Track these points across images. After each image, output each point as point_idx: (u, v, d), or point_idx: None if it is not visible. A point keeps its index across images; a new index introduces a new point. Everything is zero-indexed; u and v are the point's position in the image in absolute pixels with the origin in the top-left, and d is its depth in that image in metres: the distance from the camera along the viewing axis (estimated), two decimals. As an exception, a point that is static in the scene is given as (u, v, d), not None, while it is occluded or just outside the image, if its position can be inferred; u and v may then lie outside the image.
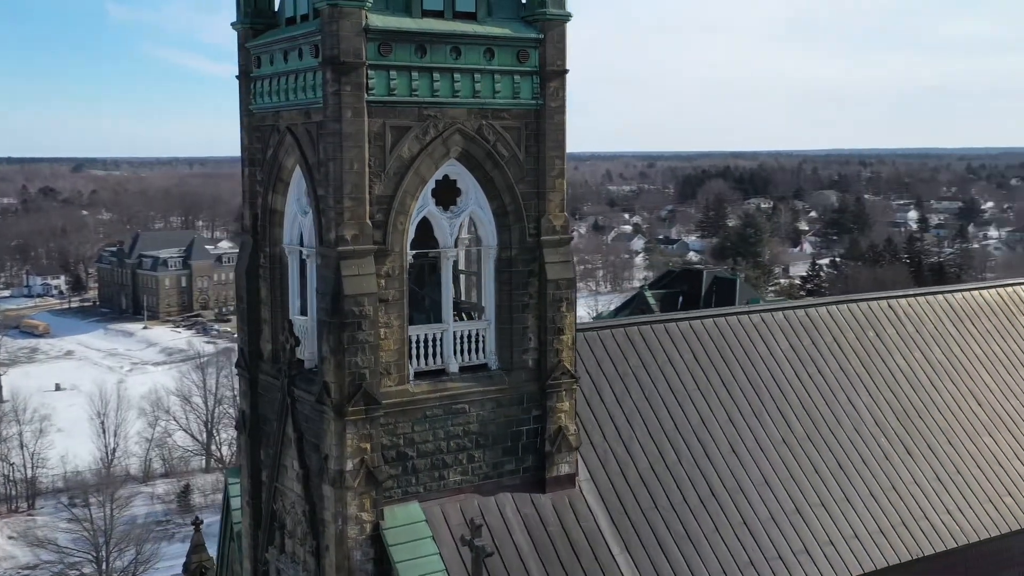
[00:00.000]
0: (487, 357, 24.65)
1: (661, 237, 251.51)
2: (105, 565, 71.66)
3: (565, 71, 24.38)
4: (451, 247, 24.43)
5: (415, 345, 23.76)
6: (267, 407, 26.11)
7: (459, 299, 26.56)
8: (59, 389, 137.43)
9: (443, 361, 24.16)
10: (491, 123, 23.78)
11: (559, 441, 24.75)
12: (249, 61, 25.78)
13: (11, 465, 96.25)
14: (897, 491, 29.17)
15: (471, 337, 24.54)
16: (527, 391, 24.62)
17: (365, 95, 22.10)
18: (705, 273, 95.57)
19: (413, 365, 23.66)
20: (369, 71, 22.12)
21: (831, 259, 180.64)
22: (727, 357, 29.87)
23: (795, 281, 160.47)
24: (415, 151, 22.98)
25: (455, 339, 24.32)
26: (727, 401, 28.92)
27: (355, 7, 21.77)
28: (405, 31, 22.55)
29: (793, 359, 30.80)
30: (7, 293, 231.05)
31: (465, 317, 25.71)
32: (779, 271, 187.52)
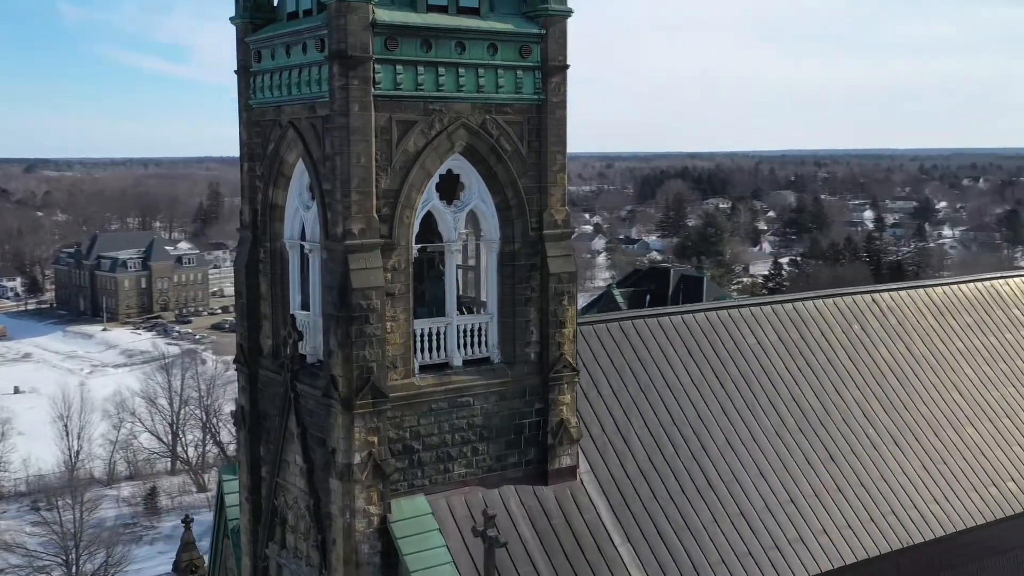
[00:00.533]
0: (490, 351, 24.78)
1: (622, 237, 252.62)
2: (75, 568, 70.71)
3: (566, 66, 24.58)
4: (455, 241, 24.54)
5: (420, 339, 23.85)
6: (267, 403, 26.04)
7: (458, 293, 26.63)
8: (18, 392, 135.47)
9: (447, 355, 24.25)
10: (494, 117, 23.93)
11: (561, 434, 24.96)
12: (248, 56, 25.68)
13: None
14: (887, 481, 29.72)
15: (474, 331, 24.68)
16: (529, 384, 24.78)
17: (372, 89, 22.15)
18: (672, 272, 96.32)
19: (418, 359, 23.74)
20: (376, 65, 22.18)
21: (791, 258, 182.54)
22: (719, 351, 30.26)
23: (757, 280, 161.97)
24: (421, 145, 23.07)
25: (459, 333, 24.45)
26: (720, 394, 29.31)
27: (362, 2, 21.80)
28: (411, 26, 22.65)
29: (783, 352, 31.28)
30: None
31: (464, 311, 25.83)
32: (740, 270, 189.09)
